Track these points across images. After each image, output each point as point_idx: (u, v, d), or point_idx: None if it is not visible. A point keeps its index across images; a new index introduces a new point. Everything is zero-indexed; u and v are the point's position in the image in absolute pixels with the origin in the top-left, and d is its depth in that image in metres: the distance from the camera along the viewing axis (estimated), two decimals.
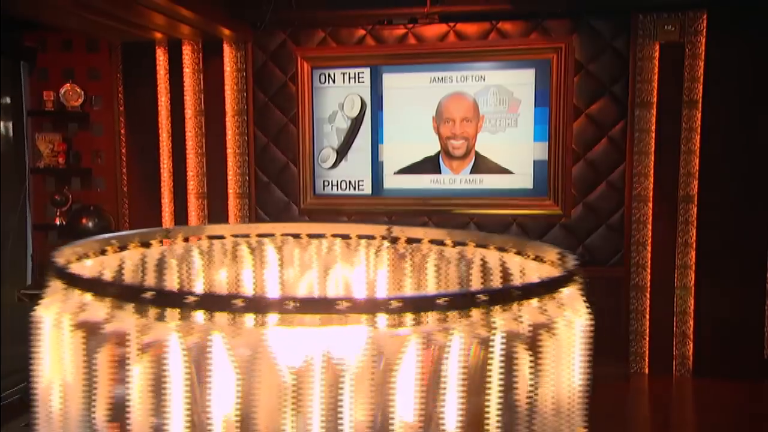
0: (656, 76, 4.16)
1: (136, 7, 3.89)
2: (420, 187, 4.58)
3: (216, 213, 4.78)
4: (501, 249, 0.78)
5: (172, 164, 4.83)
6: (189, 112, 4.77)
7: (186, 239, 0.82)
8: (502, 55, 4.39)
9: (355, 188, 4.65)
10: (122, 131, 4.93)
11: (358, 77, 4.57)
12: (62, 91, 4.89)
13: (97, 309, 0.53)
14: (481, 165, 4.51)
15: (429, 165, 4.57)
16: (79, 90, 4.91)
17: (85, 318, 0.53)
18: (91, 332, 0.53)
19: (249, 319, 0.50)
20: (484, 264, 0.79)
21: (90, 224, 4.38)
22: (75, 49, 4.97)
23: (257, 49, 4.70)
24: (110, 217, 4.58)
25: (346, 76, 4.59)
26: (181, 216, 4.83)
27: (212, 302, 0.50)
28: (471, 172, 4.53)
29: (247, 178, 4.76)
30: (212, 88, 4.74)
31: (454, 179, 4.55)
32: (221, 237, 0.86)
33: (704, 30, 4.03)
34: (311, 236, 0.87)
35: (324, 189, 4.69)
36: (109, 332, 0.52)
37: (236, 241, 0.85)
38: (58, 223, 4.87)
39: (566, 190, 4.36)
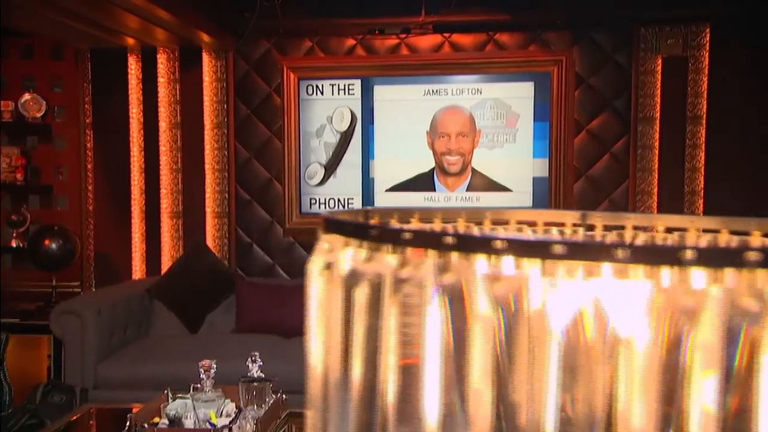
0: (659, 91, 4.20)
1: (109, 7, 3.73)
2: (413, 205, 4.48)
3: (192, 233, 4.59)
4: (739, 233, 0.68)
5: (144, 181, 4.63)
6: (163, 124, 4.60)
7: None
8: (499, 68, 4.38)
9: (344, 206, 4.52)
10: (88, 145, 4.72)
11: (348, 89, 4.50)
12: (21, 100, 4.65)
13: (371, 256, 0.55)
14: (478, 182, 4.46)
15: (423, 182, 4.49)
16: (40, 100, 4.71)
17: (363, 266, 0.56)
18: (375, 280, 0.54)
19: (509, 261, 0.48)
20: None
21: (54, 246, 4.14)
22: (36, 55, 4.76)
23: (239, 58, 4.58)
24: (76, 239, 4.35)
25: (335, 88, 4.51)
26: (153, 237, 4.62)
27: (470, 244, 0.49)
28: (467, 190, 4.47)
29: (227, 196, 4.60)
30: (189, 99, 4.58)
31: (450, 197, 4.49)
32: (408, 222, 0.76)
33: (707, 44, 4.10)
34: (495, 223, 0.78)
35: (311, 207, 4.55)
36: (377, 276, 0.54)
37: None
38: (14, 245, 4.59)
39: (567, 209, 4.33)
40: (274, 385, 2.72)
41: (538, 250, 0.48)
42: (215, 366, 2.51)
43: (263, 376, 2.68)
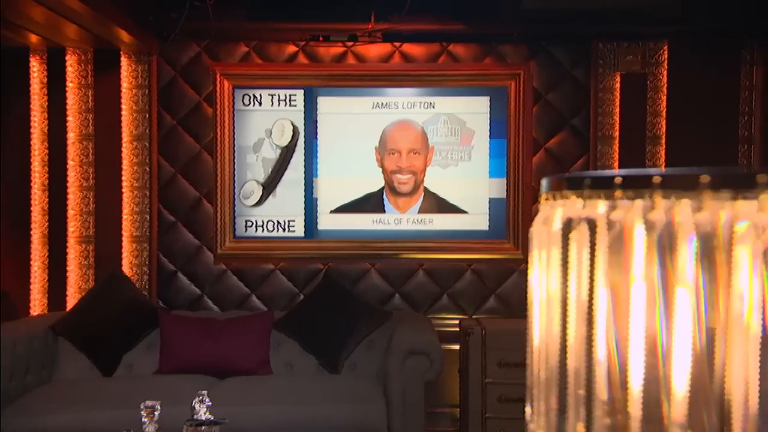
0: (618, 109, 4.33)
1: None
2: (361, 228, 4.37)
3: (105, 261, 4.24)
4: None
5: (47, 200, 4.26)
6: (72, 135, 4.28)
7: None
8: (453, 80, 4.37)
9: (284, 229, 4.35)
10: None
11: (290, 100, 4.36)
12: None
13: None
14: (431, 203, 4.40)
15: (371, 203, 4.38)
16: None
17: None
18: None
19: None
20: None
21: None
22: None
23: (164, 62, 4.36)
24: None
25: (275, 98, 4.35)
26: (57, 265, 4.23)
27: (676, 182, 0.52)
28: (419, 212, 4.40)
29: (148, 217, 4.31)
30: (104, 108, 4.29)
31: (400, 219, 4.40)
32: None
33: (665, 61, 4.29)
34: None
35: (246, 230, 4.34)
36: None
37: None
38: None
39: (527, 232, 4.35)
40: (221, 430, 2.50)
41: None
42: (160, 407, 2.27)
43: (212, 418, 2.45)
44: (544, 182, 0.65)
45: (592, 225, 0.54)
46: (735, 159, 4.33)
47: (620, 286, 0.52)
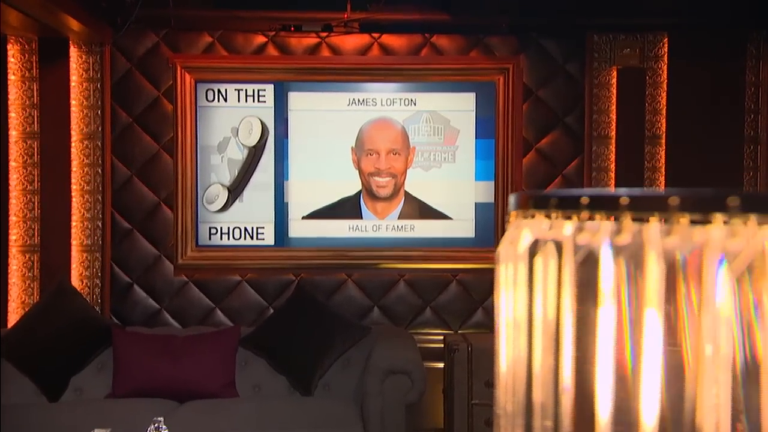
0: (614, 106, 4.38)
1: None
2: (336, 235, 4.39)
3: (52, 272, 4.22)
4: None
5: None
6: (15, 133, 4.27)
7: None
8: (436, 75, 4.41)
9: (252, 237, 4.36)
10: None
11: (258, 95, 4.37)
12: None
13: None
14: (412, 208, 4.42)
15: (347, 208, 4.40)
16: None
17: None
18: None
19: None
20: None
21: None
22: None
23: (118, 53, 4.35)
24: None
25: (242, 94, 4.37)
26: None
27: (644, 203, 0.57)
28: (399, 217, 4.43)
29: (100, 224, 4.31)
30: (51, 103, 4.27)
31: (379, 226, 4.43)
32: None
33: (665, 55, 4.35)
34: None
35: (210, 238, 4.35)
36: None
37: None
38: None
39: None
40: None
41: None
42: None
43: None
44: (512, 199, 0.67)
45: (558, 247, 0.56)
46: (740, 160, 4.41)
47: (588, 310, 0.54)
